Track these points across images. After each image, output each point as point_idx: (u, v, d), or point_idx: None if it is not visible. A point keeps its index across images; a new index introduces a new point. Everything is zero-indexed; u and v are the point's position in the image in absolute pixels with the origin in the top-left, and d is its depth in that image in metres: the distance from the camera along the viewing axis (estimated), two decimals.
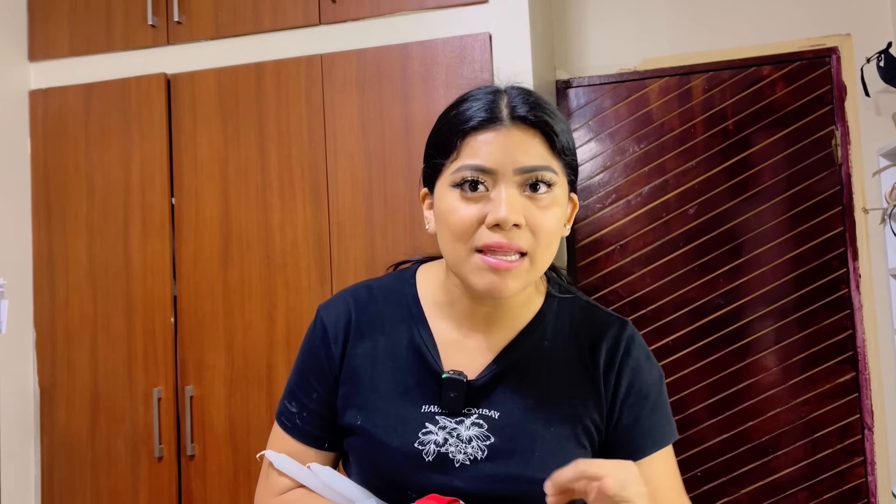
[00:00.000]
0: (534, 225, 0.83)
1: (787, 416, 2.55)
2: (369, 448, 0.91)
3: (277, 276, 2.20)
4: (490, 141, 0.82)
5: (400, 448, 0.89)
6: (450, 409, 0.89)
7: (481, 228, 0.82)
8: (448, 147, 0.86)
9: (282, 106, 2.24)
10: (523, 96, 0.87)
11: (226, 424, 2.21)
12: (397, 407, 0.91)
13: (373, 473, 0.91)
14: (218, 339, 2.24)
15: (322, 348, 0.96)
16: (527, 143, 0.83)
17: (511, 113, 0.84)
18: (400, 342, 0.93)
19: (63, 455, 2.32)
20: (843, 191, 2.56)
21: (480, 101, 0.86)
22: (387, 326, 0.94)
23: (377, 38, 2.22)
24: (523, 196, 0.83)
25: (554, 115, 0.87)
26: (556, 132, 0.85)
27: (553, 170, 0.84)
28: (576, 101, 2.75)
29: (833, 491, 2.51)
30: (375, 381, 0.92)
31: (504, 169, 0.82)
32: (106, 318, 2.31)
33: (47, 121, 2.40)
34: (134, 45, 2.37)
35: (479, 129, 0.83)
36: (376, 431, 0.89)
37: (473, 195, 0.83)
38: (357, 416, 0.92)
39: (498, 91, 0.88)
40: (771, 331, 2.58)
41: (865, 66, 2.49)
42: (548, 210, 0.84)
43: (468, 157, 0.83)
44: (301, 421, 0.96)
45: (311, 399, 0.96)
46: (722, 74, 2.64)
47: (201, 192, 2.28)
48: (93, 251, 2.33)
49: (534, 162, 0.83)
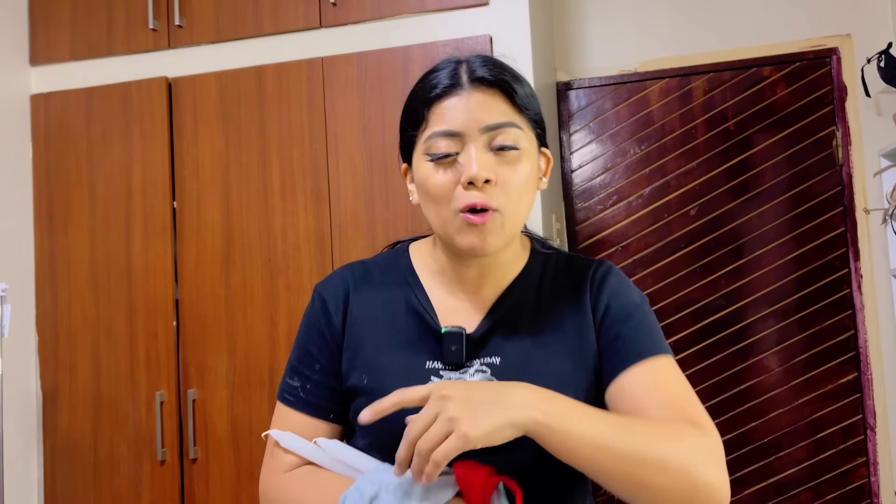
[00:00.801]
0: (504, 180, 0.88)
1: (790, 417, 2.55)
2: (376, 399, 0.92)
3: (279, 279, 2.20)
4: (454, 106, 0.88)
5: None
6: (452, 363, 0.92)
7: (458, 189, 0.87)
8: (417, 118, 0.91)
9: (283, 109, 2.24)
10: (482, 60, 0.91)
11: (228, 428, 2.21)
12: (401, 363, 0.93)
13: (382, 429, 0.88)
14: (220, 342, 2.24)
15: (322, 319, 0.99)
16: (488, 102, 0.88)
17: (470, 77, 0.89)
18: (398, 307, 0.97)
19: (66, 459, 2.32)
20: (845, 191, 2.56)
21: (443, 70, 0.91)
22: (384, 293, 0.98)
23: (378, 40, 2.22)
24: (491, 154, 0.88)
25: (513, 74, 0.91)
26: (515, 89, 0.89)
27: (516, 125, 0.89)
28: (576, 103, 2.75)
29: (836, 491, 2.51)
30: (378, 343, 0.95)
31: (470, 130, 0.87)
32: (108, 322, 2.31)
33: (49, 125, 2.40)
34: (135, 48, 2.38)
35: (442, 96, 0.88)
36: (383, 387, 0.89)
37: (445, 161, 0.88)
38: (363, 376, 0.94)
39: (460, 60, 0.92)
40: (773, 332, 2.58)
41: (866, 66, 2.49)
42: (516, 165, 0.89)
43: (436, 123, 0.88)
44: (305, 393, 0.97)
45: (314, 371, 0.97)
46: (722, 75, 2.65)
47: (203, 196, 2.28)
48: (95, 255, 2.34)
49: (497, 119, 0.88)
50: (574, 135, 2.75)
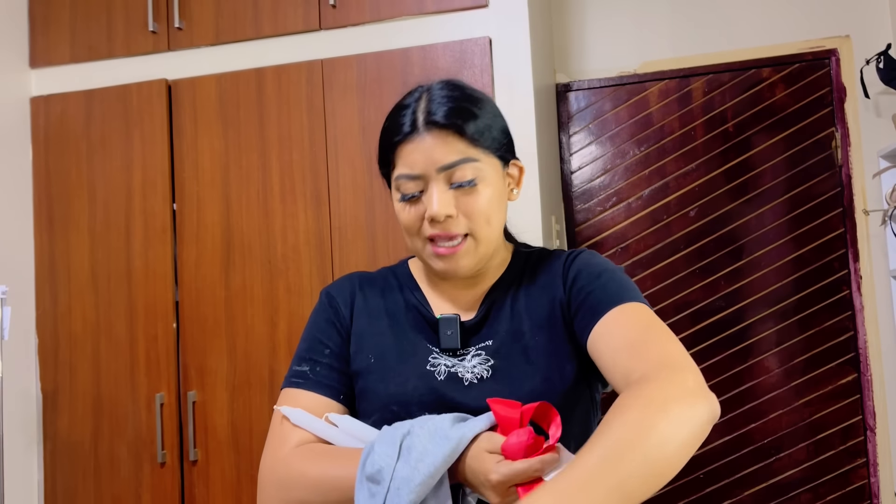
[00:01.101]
0: (466, 211, 0.96)
1: (790, 418, 2.55)
2: (385, 375, 0.99)
3: (279, 281, 2.21)
4: (413, 150, 0.96)
5: (414, 369, 0.98)
6: (449, 349, 1.00)
7: (424, 223, 0.97)
8: (385, 159, 1.01)
9: (283, 111, 2.24)
10: (440, 97, 0.98)
11: (228, 429, 2.22)
12: (403, 346, 1.01)
13: (388, 398, 0.97)
14: (220, 344, 2.24)
15: (331, 310, 1.06)
16: (441, 143, 0.95)
17: (426, 120, 0.96)
18: (399, 305, 1.06)
19: (66, 461, 2.32)
20: (844, 192, 2.56)
21: (403, 111, 0.99)
22: (386, 294, 1.08)
23: (377, 42, 2.22)
24: (451, 190, 0.96)
25: (466, 108, 0.97)
26: (466, 127, 0.96)
27: (471, 158, 0.96)
28: (576, 105, 2.75)
29: (836, 492, 2.51)
30: (382, 331, 1.03)
31: (429, 171, 0.95)
32: (108, 324, 2.31)
33: (49, 127, 2.41)
34: (135, 51, 2.38)
35: (403, 141, 0.97)
36: (390, 361, 1.00)
37: (411, 196, 0.97)
38: (369, 356, 1.01)
39: (419, 97, 0.99)
40: (772, 333, 2.58)
41: (865, 67, 2.49)
42: (475, 195, 0.96)
43: (401, 167, 0.97)
44: (315, 374, 1.01)
45: (323, 355, 1.03)
46: (722, 77, 2.65)
47: (203, 198, 2.28)
48: (95, 257, 2.34)
49: (451, 158, 0.95)
50: (573, 136, 2.75)
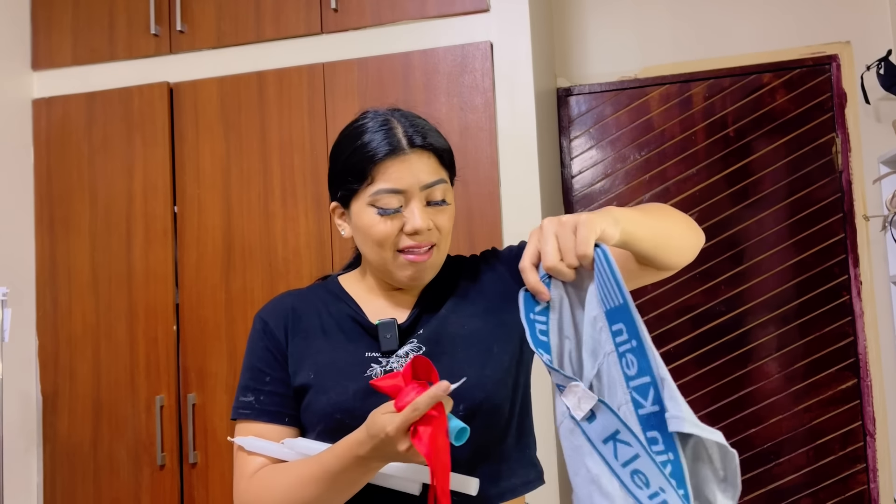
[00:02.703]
0: (439, 226, 1.06)
1: (789, 423, 2.55)
2: (325, 387, 1.04)
3: (280, 284, 2.21)
4: (398, 168, 1.03)
5: (353, 376, 1.04)
6: (388, 350, 1.06)
7: (401, 235, 1.04)
8: (362, 174, 1.04)
9: (284, 114, 2.25)
10: (410, 123, 1.07)
11: (228, 432, 2.21)
12: (342, 356, 1.06)
13: (331, 408, 1.03)
14: (220, 347, 2.24)
15: (266, 338, 1.11)
16: (423, 164, 1.04)
17: (409, 142, 1.04)
18: (335, 317, 1.11)
19: (65, 463, 2.32)
20: (844, 198, 2.56)
21: (379, 132, 1.04)
22: (321, 309, 1.12)
23: (379, 46, 2.23)
24: (428, 207, 1.05)
25: (436, 135, 1.08)
26: (441, 150, 1.07)
27: (444, 179, 1.07)
28: (577, 109, 2.76)
29: (835, 498, 2.51)
30: (320, 347, 1.08)
31: (412, 188, 1.03)
32: (108, 326, 2.32)
33: (50, 129, 2.41)
34: (137, 54, 2.38)
35: (387, 157, 1.03)
36: (329, 373, 1.05)
37: (390, 210, 1.03)
38: (309, 373, 1.06)
39: (388, 120, 1.06)
40: (772, 338, 2.58)
41: (865, 73, 2.50)
42: (445, 212, 1.07)
43: (382, 182, 1.03)
44: (259, 403, 1.07)
45: (264, 383, 1.08)
46: (722, 82, 2.65)
47: (204, 201, 2.28)
48: (95, 259, 2.34)
49: (432, 178, 1.05)
50: (574, 141, 2.75)
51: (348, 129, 1.09)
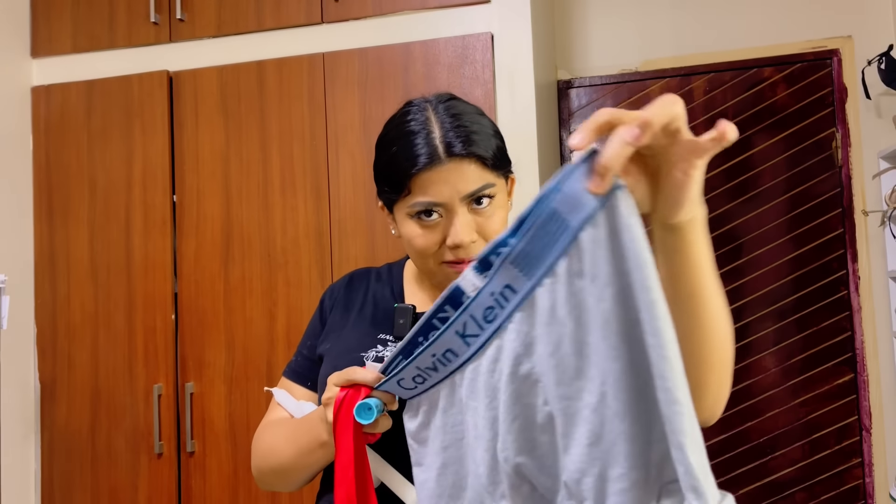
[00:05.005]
0: (484, 233, 0.98)
1: (786, 417, 2.56)
2: (333, 359, 1.06)
3: (278, 274, 2.21)
4: (435, 179, 0.94)
5: (352, 355, 1.05)
6: (401, 336, 1.04)
7: (443, 247, 0.98)
8: (399, 186, 0.97)
9: (284, 104, 2.24)
10: (453, 123, 0.96)
11: (226, 422, 2.22)
12: (358, 332, 1.08)
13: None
14: (219, 336, 2.24)
15: (319, 308, 1.18)
16: (464, 172, 0.95)
17: (447, 150, 0.94)
18: (375, 297, 1.13)
19: (63, 451, 2.33)
20: (844, 193, 2.56)
21: (417, 137, 0.96)
22: (370, 287, 1.15)
23: (379, 37, 2.22)
24: (472, 213, 0.97)
25: (481, 135, 0.97)
26: (485, 154, 0.96)
27: (490, 184, 0.97)
28: (577, 102, 2.75)
29: (831, 492, 2.52)
30: (349, 322, 1.11)
31: (452, 200, 0.95)
32: (107, 315, 2.32)
33: (49, 117, 2.40)
34: (136, 42, 2.38)
35: (423, 169, 0.94)
36: (340, 348, 1.07)
37: (430, 221, 0.97)
38: (328, 345, 1.10)
39: (427, 120, 0.97)
40: (770, 332, 2.58)
41: (866, 68, 2.49)
42: (493, 216, 0.98)
43: (419, 195, 0.96)
44: (294, 364, 1.16)
45: (304, 347, 1.16)
46: (723, 76, 2.65)
47: (203, 190, 2.28)
48: (94, 248, 2.34)
49: (474, 186, 0.95)
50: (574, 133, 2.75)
51: (389, 127, 1.02)
